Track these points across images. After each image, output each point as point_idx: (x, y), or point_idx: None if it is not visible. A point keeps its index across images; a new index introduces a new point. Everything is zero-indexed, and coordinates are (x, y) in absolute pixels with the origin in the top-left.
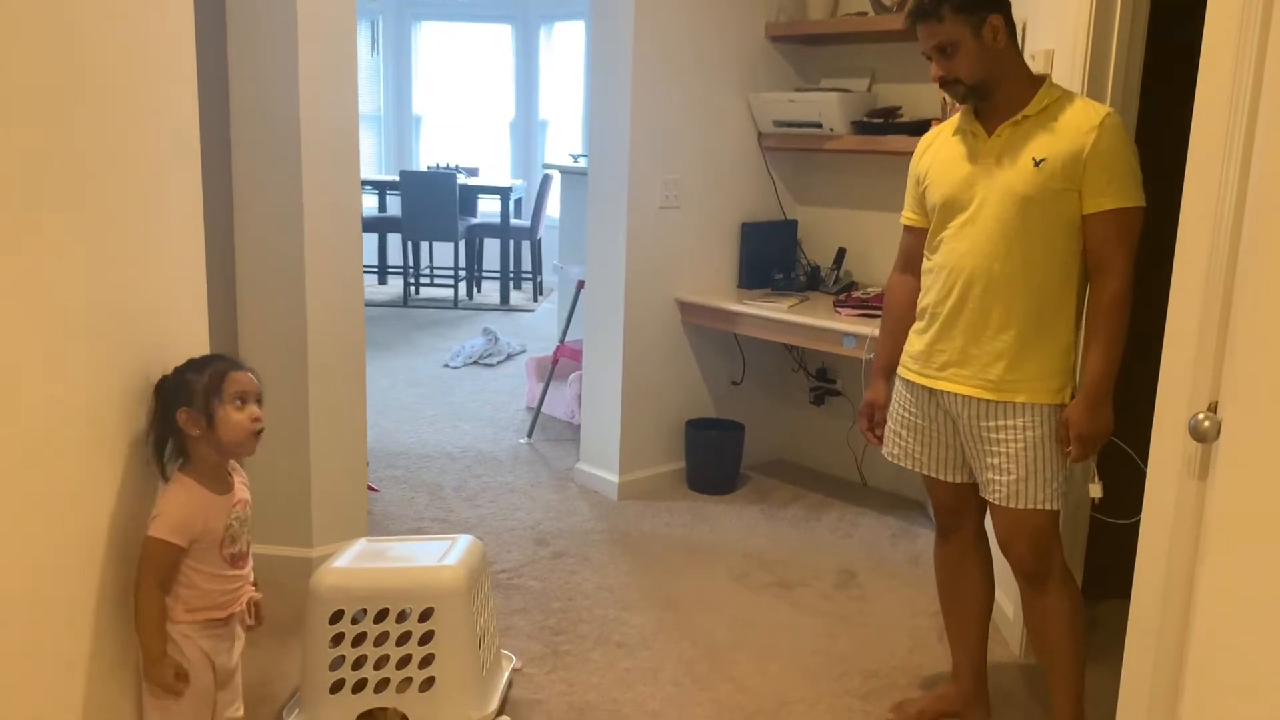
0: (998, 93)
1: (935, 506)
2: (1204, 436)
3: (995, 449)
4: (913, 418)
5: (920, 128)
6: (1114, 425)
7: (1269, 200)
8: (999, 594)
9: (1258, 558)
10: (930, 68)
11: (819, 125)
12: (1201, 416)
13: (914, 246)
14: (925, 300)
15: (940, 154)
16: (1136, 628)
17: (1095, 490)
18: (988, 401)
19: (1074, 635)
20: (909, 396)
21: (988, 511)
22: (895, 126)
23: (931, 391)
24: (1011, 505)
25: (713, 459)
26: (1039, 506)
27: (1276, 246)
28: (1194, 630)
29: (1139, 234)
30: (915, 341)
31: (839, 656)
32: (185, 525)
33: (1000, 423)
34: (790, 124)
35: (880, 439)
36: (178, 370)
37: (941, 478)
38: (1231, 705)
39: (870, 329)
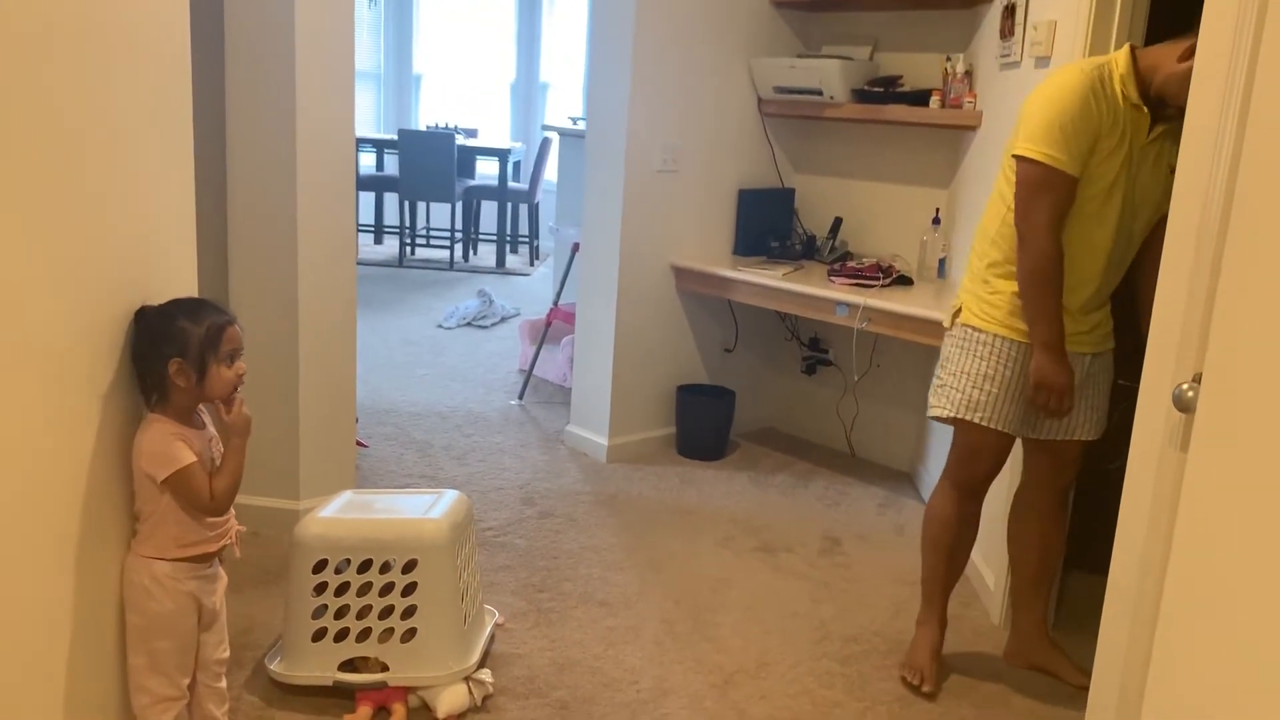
0: None
1: (987, 464)
2: (1188, 407)
3: (1095, 390)
4: (1018, 382)
5: (921, 97)
6: None
7: (1261, 174)
8: (981, 564)
9: (1230, 527)
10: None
11: (819, 92)
12: (1186, 387)
13: (1068, 202)
14: (1084, 284)
15: (1126, 128)
16: (1114, 594)
17: None
18: (1098, 352)
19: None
20: (1025, 362)
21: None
22: (896, 96)
23: (1076, 356)
24: (1097, 436)
25: (703, 425)
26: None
27: (1266, 218)
28: (1168, 598)
29: None
30: (1068, 322)
31: (820, 621)
32: (182, 445)
33: (1102, 366)
34: (790, 90)
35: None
36: (167, 313)
37: (1019, 434)
38: (1203, 670)
39: (863, 298)
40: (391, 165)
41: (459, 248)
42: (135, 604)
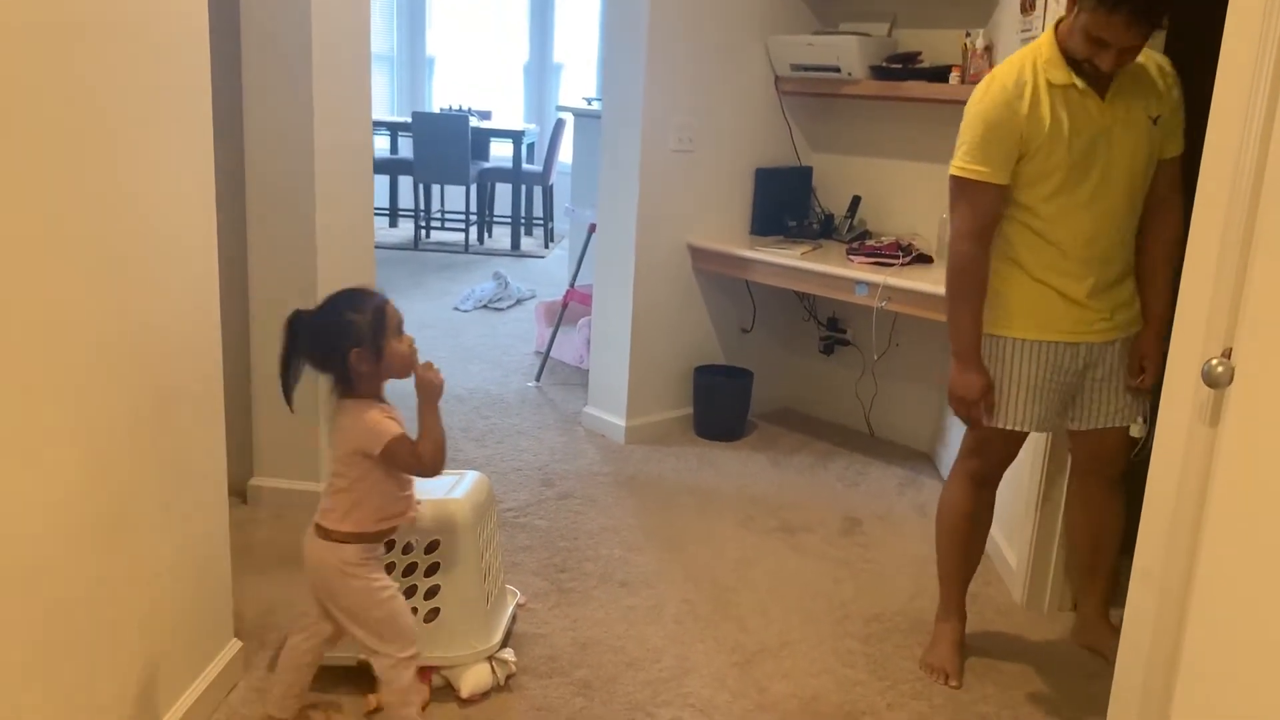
0: None
1: (998, 458)
2: (1216, 382)
3: (1121, 380)
4: (1047, 379)
5: (940, 74)
6: None
7: None
8: (1004, 544)
9: (1267, 504)
10: (1117, 59)
11: (837, 69)
12: (1215, 362)
13: (994, 210)
14: (1056, 268)
15: (1056, 113)
16: (1140, 573)
17: (1138, 430)
18: (1121, 339)
19: (1124, 528)
20: (1049, 359)
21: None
22: (915, 72)
23: (1076, 346)
24: (1140, 431)
25: (720, 406)
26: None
27: None
28: (1198, 575)
29: None
30: (1050, 302)
31: (841, 600)
32: (388, 420)
33: (1123, 355)
34: (808, 68)
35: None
36: (331, 311)
37: (1043, 431)
38: (1233, 647)
39: (883, 277)
40: (406, 148)
41: (474, 230)
42: (338, 589)
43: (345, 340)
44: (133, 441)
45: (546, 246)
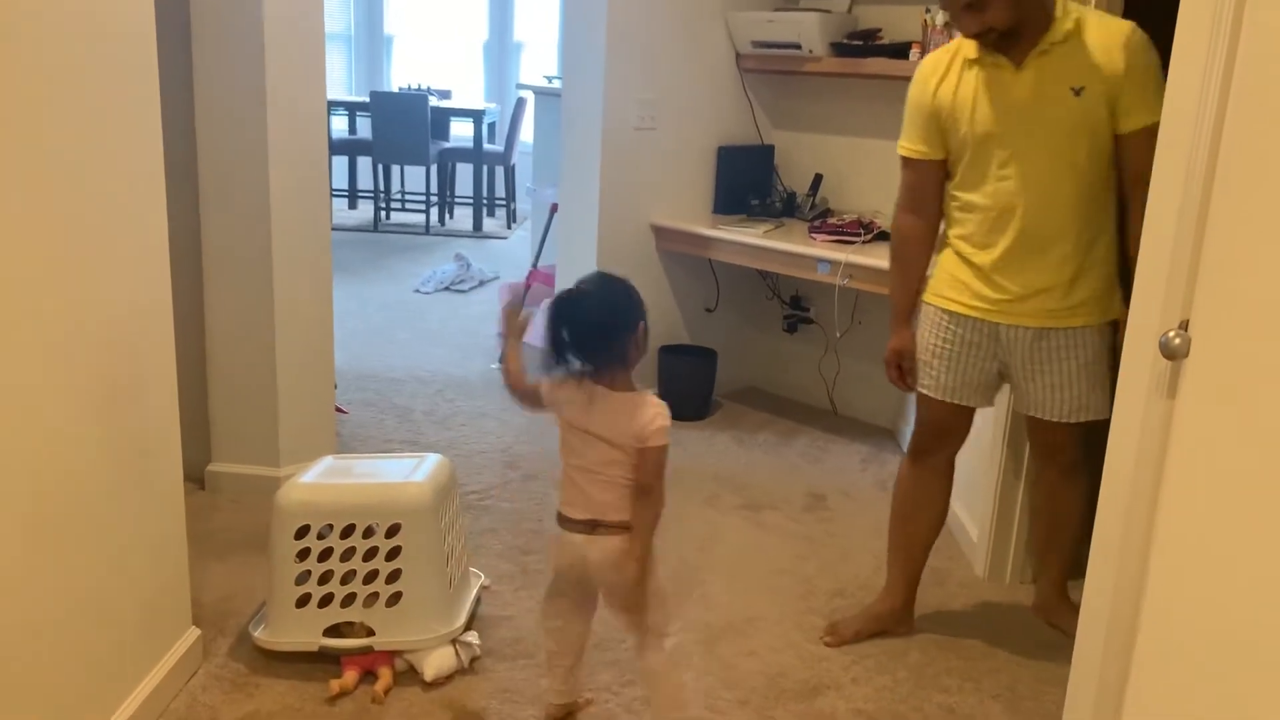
0: (1023, 26)
1: (926, 427)
2: (1174, 354)
3: (1052, 369)
4: (951, 347)
5: (900, 50)
6: None
7: (1247, 118)
8: (965, 517)
9: (1221, 475)
10: (961, 21)
11: (798, 46)
12: (1172, 334)
13: (922, 182)
14: (970, 239)
15: (964, 87)
16: (1100, 542)
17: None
18: (1046, 329)
19: (1084, 508)
20: (951, 328)
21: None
22: (875, 49)
23: (980, 321)
24: (1074, 420)
25: (685, 385)
26: (1099, 417)
27: (1252, 164)
28: (1155, 546)
29: None
30: (960, 273)
31: (805, 576)
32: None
33: (1058, 344)
34: (769, 45)
35: (911, 386)
36: (608, 285)
37: (958, 402)
38: (1189, 619)
39: (844, 255)
40: (364, 128)
41: (435, 211)
42: (631, 574)
43: (636, 313)
44: (85, 428)
45: (509, 227)
